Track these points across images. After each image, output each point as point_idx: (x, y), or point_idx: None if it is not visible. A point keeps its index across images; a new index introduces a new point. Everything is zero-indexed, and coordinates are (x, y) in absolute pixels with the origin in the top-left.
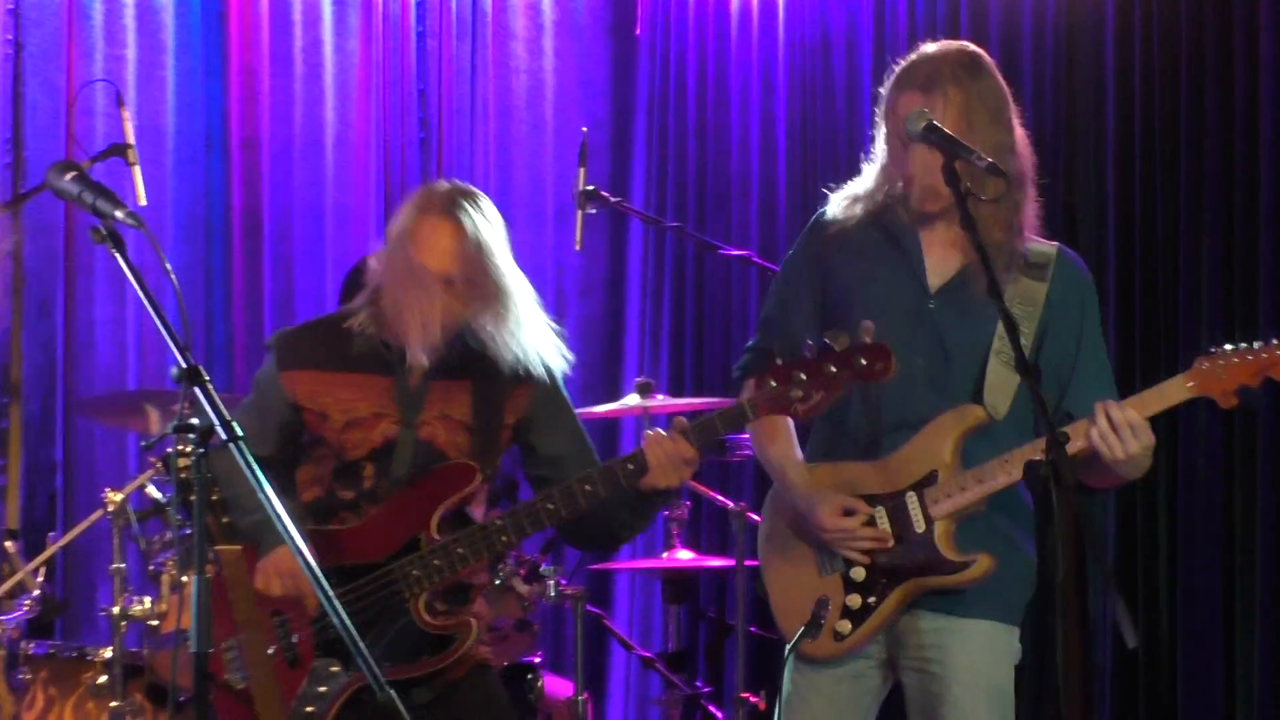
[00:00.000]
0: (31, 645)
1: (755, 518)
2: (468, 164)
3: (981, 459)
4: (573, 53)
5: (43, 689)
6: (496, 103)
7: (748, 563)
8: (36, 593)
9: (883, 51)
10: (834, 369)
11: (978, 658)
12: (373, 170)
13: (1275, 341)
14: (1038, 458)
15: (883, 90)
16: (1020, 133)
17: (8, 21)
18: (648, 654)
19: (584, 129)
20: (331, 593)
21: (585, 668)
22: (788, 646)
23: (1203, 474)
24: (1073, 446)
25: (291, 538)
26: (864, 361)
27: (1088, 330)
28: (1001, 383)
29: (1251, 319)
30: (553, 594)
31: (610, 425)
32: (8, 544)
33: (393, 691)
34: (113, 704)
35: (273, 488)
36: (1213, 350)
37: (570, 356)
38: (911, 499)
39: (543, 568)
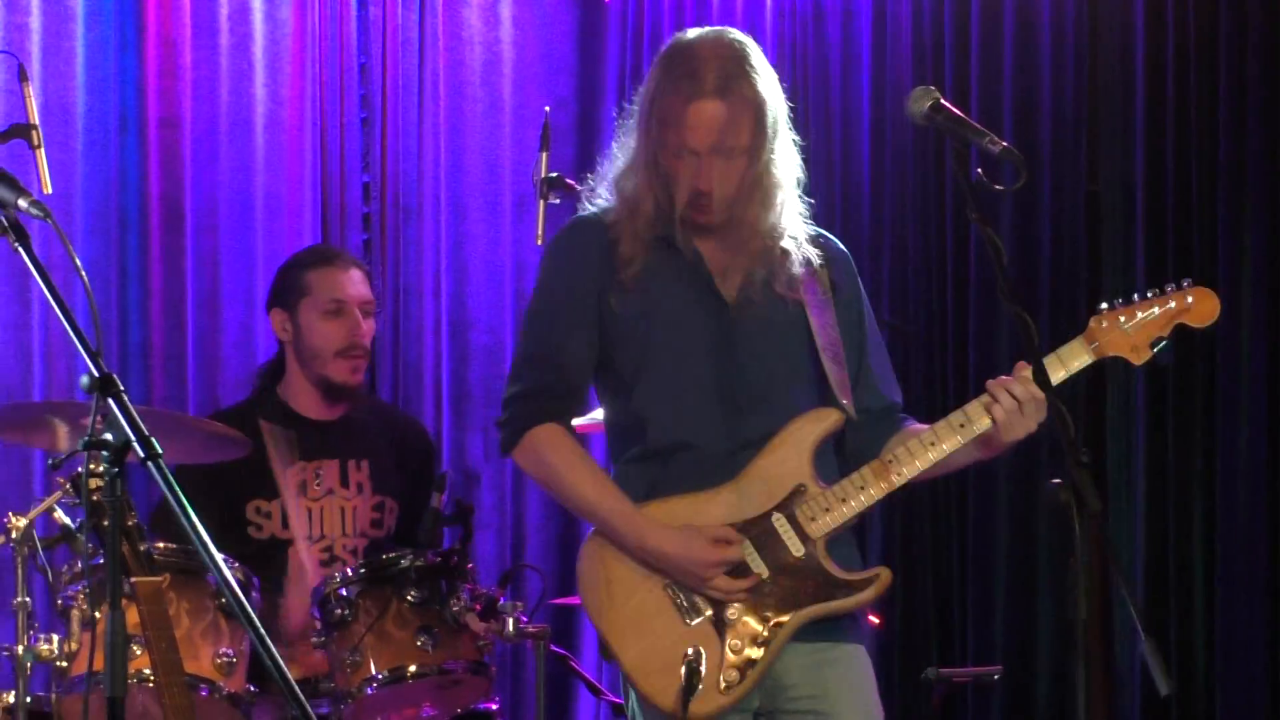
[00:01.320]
0: None
1: None
2: (415, 147)
3: (828, 465)
4: (534, 22)
5: None
6: (448, 78)
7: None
8: None
9: (884, 21)
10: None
11: (862, 689)
12: (308, 153)
13: (1186, 283)
14: (1056, 481)
15: (645, 97)
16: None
17: None
18: (619, 699)
19: (547, 108)
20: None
21: (549, 715)
22: (664, 716)
23: (1244, 502)
24: (974, 429)
25: (217, 565)
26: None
27: (866, 312)
28: (842, 380)
29: None
30: (512, 632)
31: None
32: None
33: None
34: None
35: None
36: (1104, 306)
37: None
38: (780, 521)
39: (501, 602)
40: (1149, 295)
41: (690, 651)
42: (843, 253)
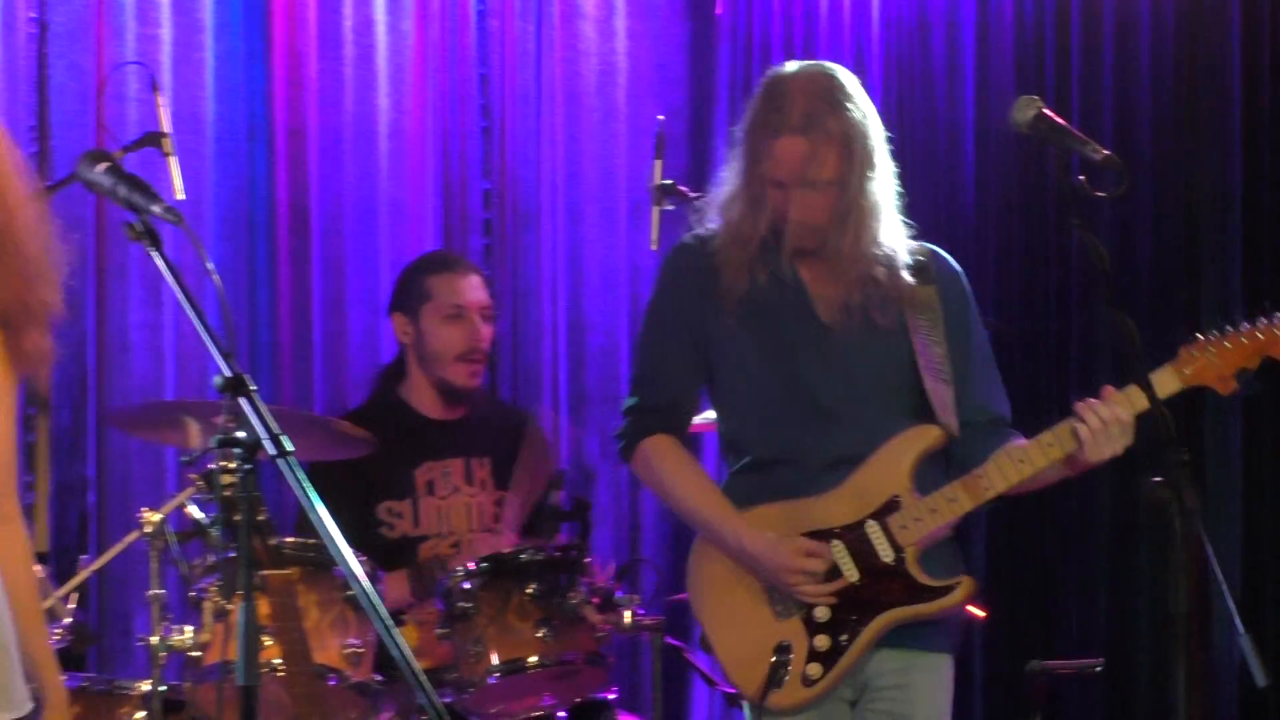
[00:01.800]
0: (66, 678)
1: None
2: (534, 155)
3: (928, 480)
4: (647, 34)
5: None
6: (565, 88)
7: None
8: (67, 621)
9: (987, 33)
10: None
11: (938, 696)
12: (430, 162)
13: (1275, 317)
14: (1156, 479)
15: (742, 129)
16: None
17: (32, 4)
18: (732, 690)
19: (660, 117)
20: (390, 623)
21: (664, 705)
22: (748, 704)
23: None
24: (1062, 449)
25: (344, 558)
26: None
27: (974, 328)
28: (948, 399)
29: None
30: (628, 624)
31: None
32: (36, 568)
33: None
34: None
35: None
36: (1198, 337)
37: None
38: (873, 528)
39: (618, 596)
40: (1239, 329)
41: (778, 645)
42: (952, 270)
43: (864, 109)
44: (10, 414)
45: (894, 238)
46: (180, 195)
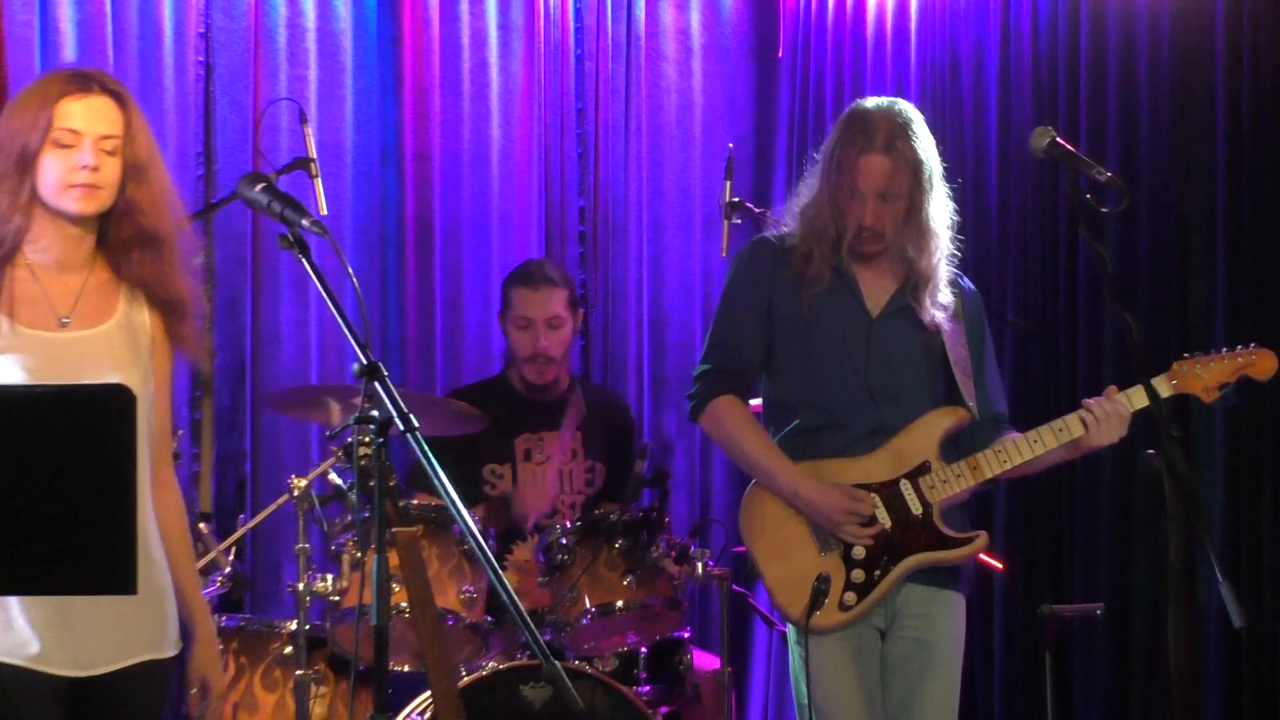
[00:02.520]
0: (223, 619)
1: None
2: (622, 177)
3: (950, 451)
4: (719, 74)
5: (234, 659)
6: (649, 120)
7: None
8: (227, 570)
9: (1008, 74)
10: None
11: (957, 625)
12: (534, 182)
13: (1251, 346)
14: (1151, 451)
15: (828, 148)
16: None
17: (199, 44)
18: (786, 628)
19: (730, 145)
20: (500, 572)
21: (730, 643)
22: (791, 623)
23: None
24: (1069, 434)
25: (463, 517)
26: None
27: (986, 338)
28: (971, 390)
29: None
30: (700, 574)
31: None
32: (201, 526)
33: (557, 664)
34: (298, 673)
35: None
36: (1187, 355)
37: None
38: (906, 486)
39: (692, 550)
40: (1222, 351)
41: (820, 575)
42: (974, 292)
43: (930, 142)
44: (169, 390)
45: (944, 256)
46: (324, 211)
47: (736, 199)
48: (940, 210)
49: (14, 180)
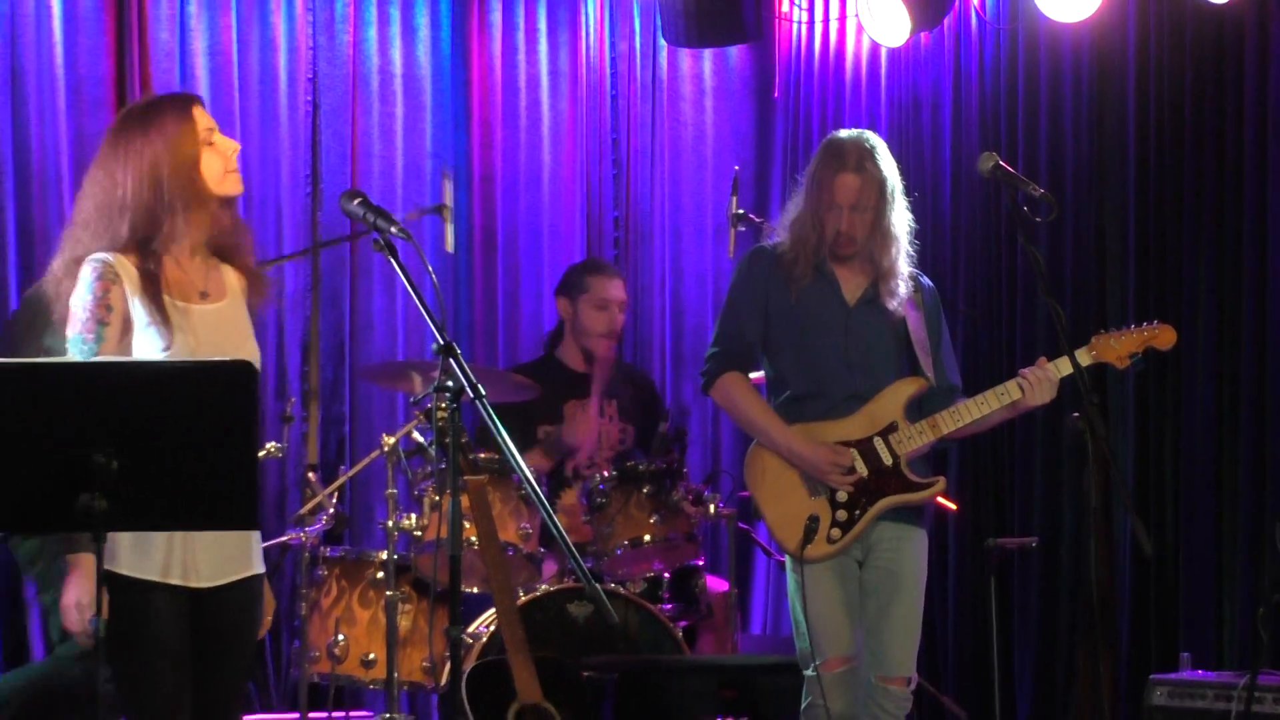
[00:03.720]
0: (327, 550)
1: None
2: (648, 193)
3: (913, 413)
4: (726, 110)
5: (336, 582)
6: (670, 147)
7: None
8: (331, 511)
9: (959, 110)
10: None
11: (920, 556)
12: (578, 198)
13: (1155, 322)
14: (1075, 414)
15: (809, 171)
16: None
17: (308, 87)
18: (782, 559)
19: (736, 167)
20: (552, 514)
21: (735, 570)
22: (789, 555)
23: (1200, 430)
24: (1009, 397)
25: (520, 467)
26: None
27: (942, 324)
28: (928, 364)
29: (1237, 309)
30: (712, 514)
31: None
32: (310, 475)
33: (597, 586)
34: (387, 593)
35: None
36: (1103, 330)
37: None
38: (879, 442)
39: (705, 494)
40: (1132, 327)
41: (810, 515)
42: (932, 287)
43: (892, 164)
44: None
45: (903, 255)
46: (450, 249)
47: (741, 211)
48: (900, 219)
49: (185, 177)
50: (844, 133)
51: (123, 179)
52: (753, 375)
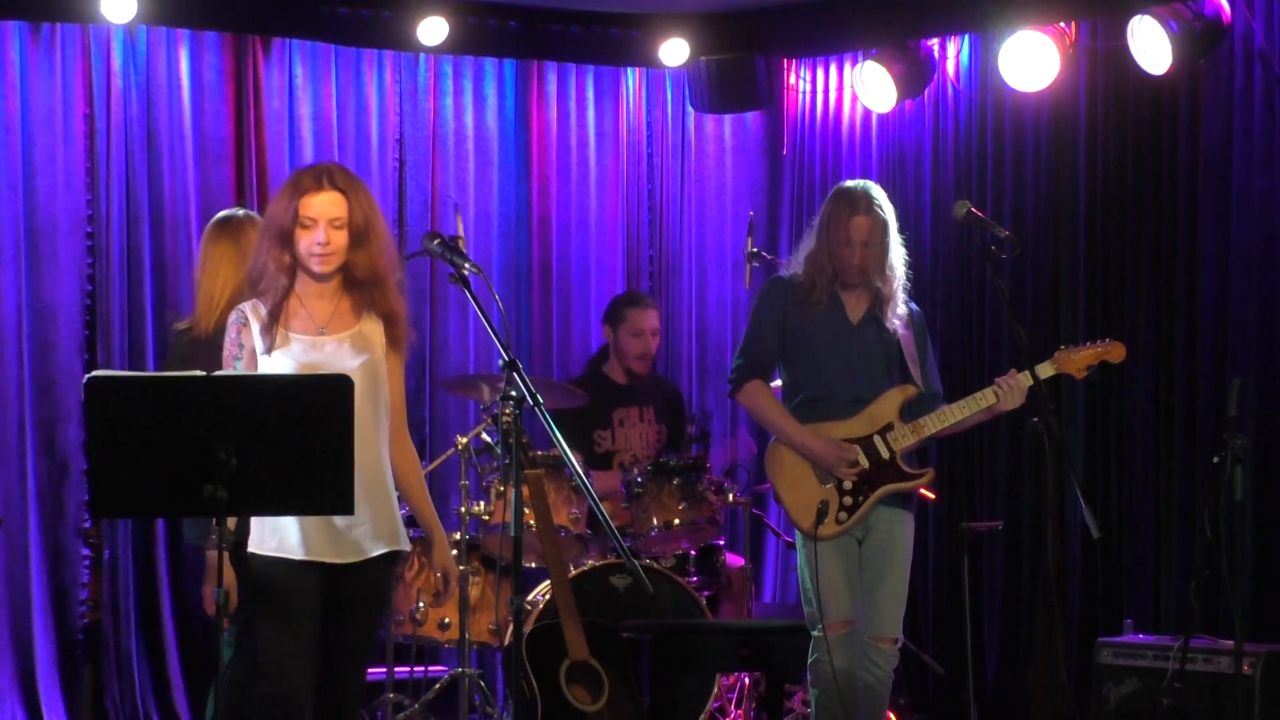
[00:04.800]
0: (412, 531)
1: None
2: (678, 234)
3: (906, 415)
4: (743, 165)
5: (418, 559)
6: (696, 196)
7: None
8: None
9: (938, 164)
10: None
11: (909, 537)
12: (619, 239)
13: (1106, 340)
14: (1035, 419)
15: (824, 215)
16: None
17: (395, 147)
18: (790, 539)
19: (751, 213)
20: (597, 499)
21: (750, 548)
22: (801, 533)
23: (1139, 430)
24: (985, 402)
25: (571, 462)
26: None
27: (928, 340)
28: (918, 373)
29: (1171, 328)
30: (731, 502)
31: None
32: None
33: (635, 562)
34: (460, 567)
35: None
36: (1064, 346)
37: None
38: (878, 440)
39: (725, 485)
40: (1088, 344)
41: (821, 500)
42: (919, 311)
43: (891, 209)
44: (401, 377)
45: (901, 284)
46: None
47: (755, 249)
48: (898, 255)
49: (278, 250)
50: (852, 183)
51: (258, 243)
52: (773, 383)
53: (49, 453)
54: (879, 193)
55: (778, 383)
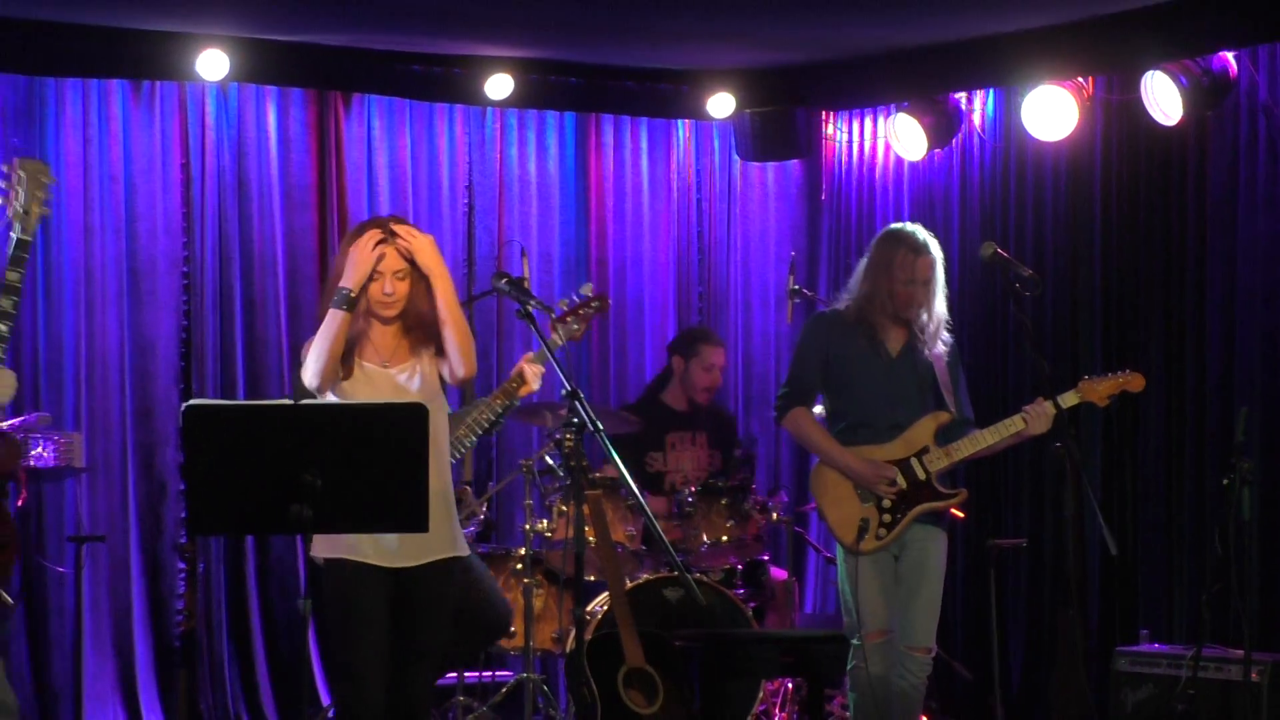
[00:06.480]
0: (479, 546)
1: None
2: (725, 274)
3: (941, 439)
4: (785, 209)
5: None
6: (742, 238)
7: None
8: (481, 516)
9: (966, 207)
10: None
11: (942, 552)
12: (670, 277)
13: (1127, 371)
14: (1057, 444)
15: (883, 255)
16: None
17: (464, 193)
18: (829, 555)
19: (792, 253)
20: (654, 519)
21: (792, 562)
22: (843, 548)
23: (1153, 453)
24: (1013, 429)
25: (628, 482)
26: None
27: (960, 369)
28: (952, 401)
29: (1181, 359)
30: (774, 520)
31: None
32: (466, 488)
33: (688, 575)
34: (525, 580)
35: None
36: (1088, 376)
37: None
38: (914, 462)
39: (769, 504)
40: (1110, 374)
41: (862, 518)
42: (952, 341)
43: (939, 249)
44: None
45: (943, 316)
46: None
47: (797, 287)
48: (943, 290)
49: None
50: (908, 226)
51: (331, 281)
52: (815, 409)
53: (148, 474)
54: (930, 236)
55: (819, 409)
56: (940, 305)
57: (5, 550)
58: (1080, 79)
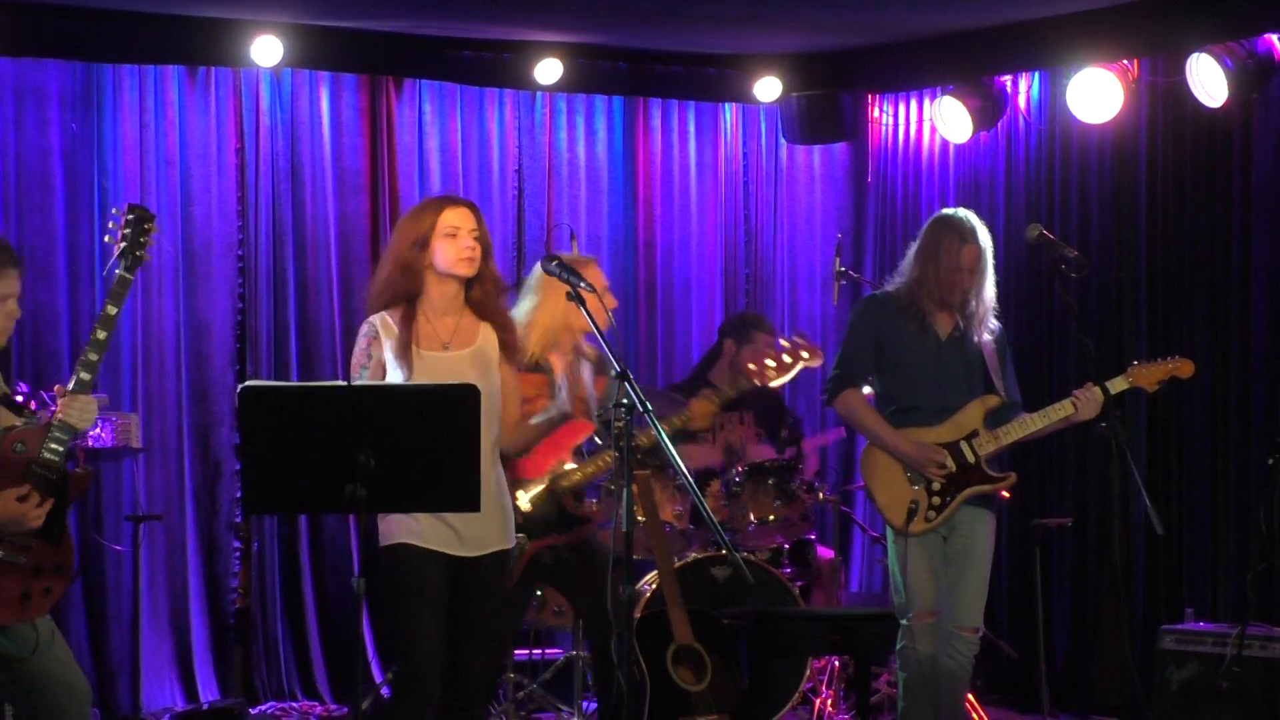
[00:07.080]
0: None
1: None
2: (771, 256)
3: (989, 422)
4: (831, 191)
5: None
6: (788, 220)
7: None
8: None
9: (1011, 190)
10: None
11: (990, 534)
12: (718, 260)
13: (1176, 357)
14: (1103, 424)
15: (933, 240)
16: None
17: (514, 177)
18: (875, 534)
19: (839, 235)
20: (703, 499)
21: (839, 542)
22: (893, 530)
23: (1198, 434)
24: (1063, 413)
25: (677, 463)
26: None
27: (1008, 352)
28: (1000, 384)
29: (1225, 342)
30: (821, 500)
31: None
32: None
33: (736, 554)
34: None
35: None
36: (1137, 362)
37: None
38: (964, 445)
39: (815, 485)
40: (1159, 360)
41: (912, 500)
42: (1000, 327)
43: (989, 235)
44: (515, 386)
45: (991, 302)
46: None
47: (843, 269)
48: (992, 279)
49: (411, 256)
50: (956, 211)
51: (386, 259)
52: (865, 390)
53: (204, 455)
54: (980, 222)
55: (868, 390)
56: (989, 291)
57: (63, 574)
58: (1125, 61)
